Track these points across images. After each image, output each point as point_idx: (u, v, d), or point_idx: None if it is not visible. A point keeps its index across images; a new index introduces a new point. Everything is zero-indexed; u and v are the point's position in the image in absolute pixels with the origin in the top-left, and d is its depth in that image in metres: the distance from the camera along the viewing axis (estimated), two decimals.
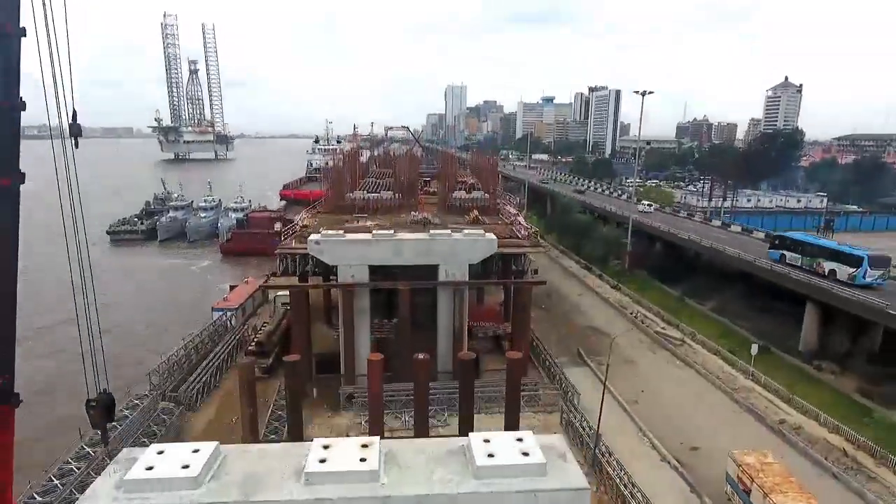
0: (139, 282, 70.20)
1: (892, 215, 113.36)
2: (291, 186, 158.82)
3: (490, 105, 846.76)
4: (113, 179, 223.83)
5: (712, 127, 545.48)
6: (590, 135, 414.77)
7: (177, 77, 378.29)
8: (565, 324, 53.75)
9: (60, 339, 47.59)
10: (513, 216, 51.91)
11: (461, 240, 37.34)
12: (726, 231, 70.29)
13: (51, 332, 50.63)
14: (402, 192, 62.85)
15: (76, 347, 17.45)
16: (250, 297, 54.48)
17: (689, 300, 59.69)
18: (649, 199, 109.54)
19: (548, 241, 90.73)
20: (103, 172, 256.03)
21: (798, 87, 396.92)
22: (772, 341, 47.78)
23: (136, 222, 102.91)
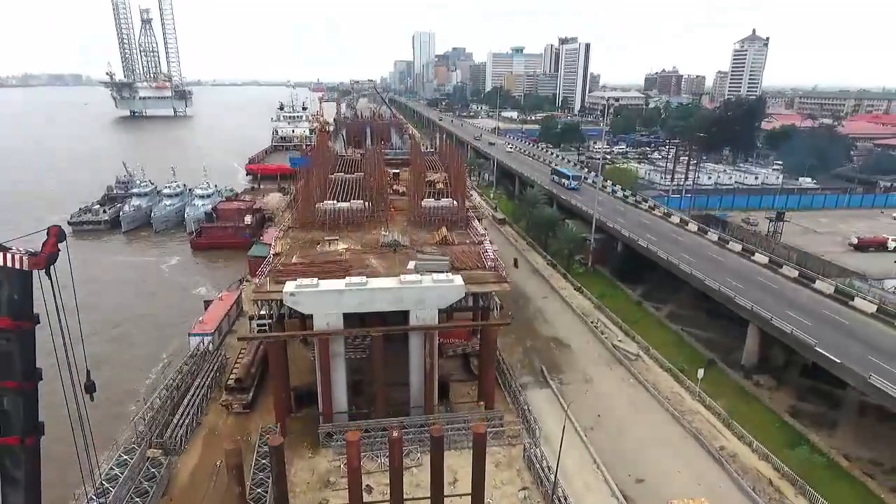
0: (107, 290, 69.70)
1: (843, 193, 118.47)
2: (257, 160, 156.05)
3: (459, 52, 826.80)
4: (68, 144, 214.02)
5: (681, 79, 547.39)
6: (559, 90, 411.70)
7: (127, 28, 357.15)
8: (529, 334, 56.69)
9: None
10: (481, 236, 53.54)
11: (431, 287, 39.17)
12: (684, 229, 73.51)
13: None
14: (371, 199, 63.76)
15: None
16: (226, 316, 55.57)
17: (647, 303, 63.36)
18: (614, 180, 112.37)
19: (515, 230, 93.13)
20: (57, 134, 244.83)
21: (765, 40, 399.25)
22: (719, 352, 51.91)
23: (98, 210, 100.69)
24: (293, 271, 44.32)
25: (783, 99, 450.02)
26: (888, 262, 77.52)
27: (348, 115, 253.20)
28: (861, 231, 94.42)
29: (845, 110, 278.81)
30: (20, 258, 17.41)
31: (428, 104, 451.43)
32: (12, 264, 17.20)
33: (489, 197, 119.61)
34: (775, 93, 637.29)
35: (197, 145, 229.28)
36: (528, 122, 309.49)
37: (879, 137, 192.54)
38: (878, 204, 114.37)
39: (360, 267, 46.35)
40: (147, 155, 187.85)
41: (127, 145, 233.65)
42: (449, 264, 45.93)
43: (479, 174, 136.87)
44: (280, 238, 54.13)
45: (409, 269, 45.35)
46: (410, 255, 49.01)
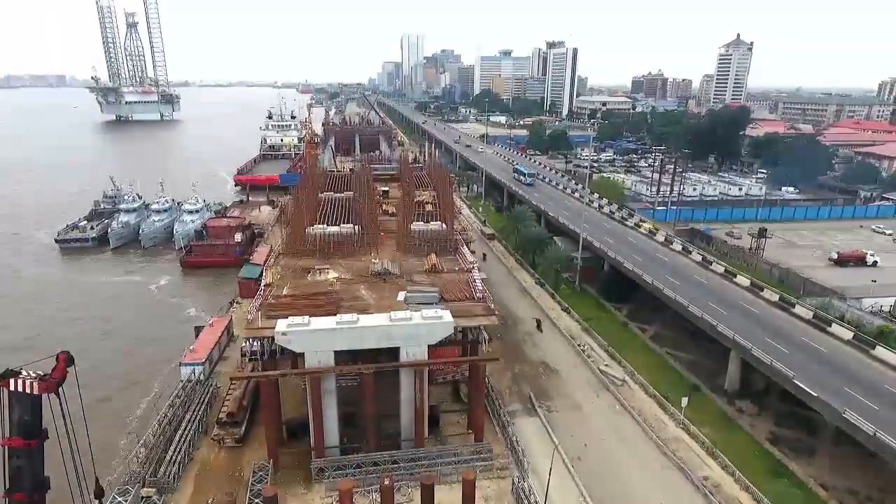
0: (96, 315, 69.71)
1: (824, 205, 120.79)
2: (245, 170, 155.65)
3: (448, 54, 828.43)
4: (53, 152, 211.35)
5: (667, 82, 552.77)
6: (548, 93, 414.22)
7: (112, 32, 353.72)
8: (518, 358, 57.63)
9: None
10: (469, 264, 54.33)
11: (420, 324, 39.86)
12: (668, 248, 74.85)
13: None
14: (361, 223, 64.43)
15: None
16: (217, 345, 55.90)
17: (633, 324, 64.60)
18: (601, 192, 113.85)
19: (504, 246, 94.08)
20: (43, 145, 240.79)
21: (749, 44, 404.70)
22: (703, 377, 53.18)
23: (85, 227, 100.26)
24: (284, 304, 44.96)
25: (767, 102, 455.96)
26: (867, 278, 79.42)
27: (336, 121, 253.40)
28: (842, 244, 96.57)
29: (828, 116, 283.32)
30: (30, 383, 18.39)
31: (416, 107, 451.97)
32: (23, 389, 18.23)
33: (478, 210, 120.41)
34: (760, 95, 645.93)
35: (184, 153, 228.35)
36: (517, 126, 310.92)
37: (860, 144, 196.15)
38: (859, 215, 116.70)
39: (350, 298, 47.08)
40: (134, 164, 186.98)
41: (113, 153, 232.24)
42: (438, 295, 46.82)
43: (469, 186, 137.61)
44: (271, 266, 54.50)
45: (399, 300, 46.32)
46: (400, 285, 49.83)
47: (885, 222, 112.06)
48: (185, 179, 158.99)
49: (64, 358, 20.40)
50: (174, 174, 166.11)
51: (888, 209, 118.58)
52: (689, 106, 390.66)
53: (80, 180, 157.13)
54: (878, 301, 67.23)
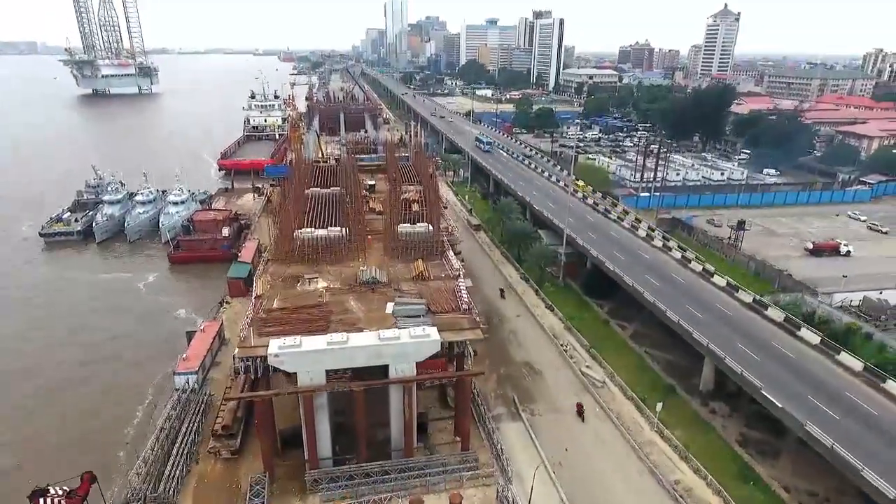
0: (86, 317, 70.06)
1: (803, 189, 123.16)
2: (229, 153, 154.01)
3: (433, 21, 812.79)
4: (31, 133, 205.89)
5: (654, 52, 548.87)
6: (534, 65, 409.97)
7: (85, 2, 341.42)
8: (503, 360, 59.66)
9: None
10: (456, 271, 55.61)
11: (408, 342, 41.34)
12: (650, 244, 76.70)
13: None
14: (348, 224, 65.29)
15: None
16: (209, 351, 57.07)
17: (613, 322, 66.83)
18: (585, 179, 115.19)
19: (490, 237, 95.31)
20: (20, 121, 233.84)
21: (736, 15, 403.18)
22: (679, 377, 55.69)
23: (69, 220, 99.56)
24: (276, 319, 46.19)
25: (753, 74, 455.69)
26: (840, 269, 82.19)
27: (320, 97, 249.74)
28: (818, 232, 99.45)
29: (812, 90, 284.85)
30: (58, 501, 19.78)
31: (402, 78, 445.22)
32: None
33: (464, 197, 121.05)
34: (746, 65, 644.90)
35: (165, 131, 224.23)
36: (503, 101, 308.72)
37: (841, 122, 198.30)
38: (836, 200, 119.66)
39: (340, 311, 48.42)
40: (115, 146, 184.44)
41: (93, 133, 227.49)
42: (425, 307, 48.31)
43: (455, 171, 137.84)
44: (261, 275, 55.42)
45: (388, 312, 47.76)
46: (388, 295, 51.17)
47: (861, 207, 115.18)
48: (168, 164, 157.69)
49: (88, 477, 22.43)
50: (156, 158, 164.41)
51: (864, 194, 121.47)
52: (675, 78, 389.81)
53: (61, 164, 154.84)
54: (848, 296, 69.96)
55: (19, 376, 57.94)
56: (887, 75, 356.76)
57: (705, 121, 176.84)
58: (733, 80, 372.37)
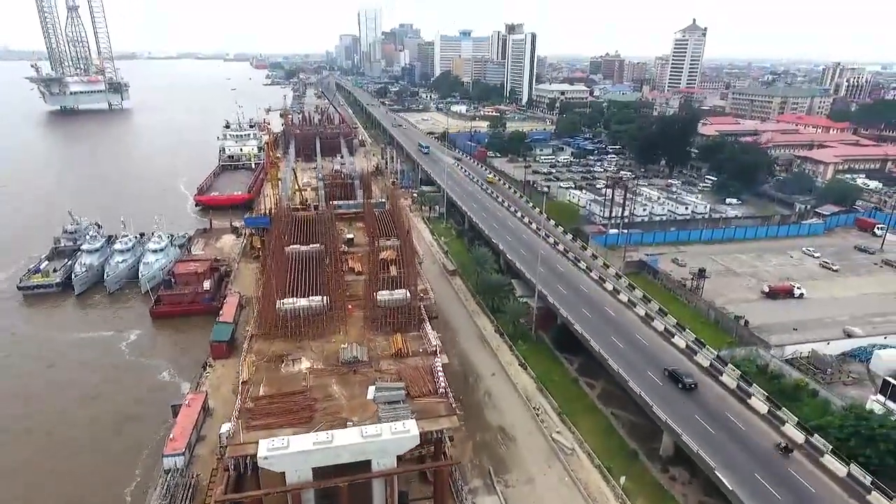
0: (70, 386, 70.63)
1: (762, 224, 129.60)
2: (205, 188, 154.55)
3: (407, 29, 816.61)
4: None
5: (624, 63, 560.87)
6: (507, 79, 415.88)
7: (52, 17, 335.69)
8: (479, 425, 63.04)
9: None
10: (433, 346, 58.83)
11: (390, 439, 44.35)
12: (615, 298, 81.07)
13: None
14: (328, 292, 67.98)
15: None
16: (194, 428, 59.10)
17: (582, 380, 70.85)
18: (555, 218, 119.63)
19: (466, 285, 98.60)
20: None
21: (703, 29, 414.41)
22: (642, 440, 59.78)
23: (48, 270, 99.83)
24: (263, 412, 48.82)
25: (719, 87, 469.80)
26: (794, 311, 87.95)
27: (296, 120, 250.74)
28: (774, 270, 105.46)
29: (773, 107, 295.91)
30: None
31: (377, 91, 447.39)
32: None
33: (439, 236, 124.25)
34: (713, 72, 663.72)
35: (139, 156, 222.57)
36: (477, 118, 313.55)
37: (800, 146, 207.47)
38: (792, 234, 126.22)
39: (323, 397, 51.29)
40: (88, 178, 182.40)
41: (64, 160, 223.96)
42: (404, 392, 51.48)
43: (430, 207, 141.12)
44: (246, 355, 57.87)
45: (369, 398, 50.80)
46: (370, 377, 54.20)
47: (816, 241, 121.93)
48: (144, 200, 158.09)
49: None
50: (132, 191, 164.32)
51: (818, 227, 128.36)
52: (644, 92, 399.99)
53: (34, 201, 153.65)
54: (798, 348, 75.15)
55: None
56: (844, 90, 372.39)
57: (671, 148, 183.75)
58: (700, 94, 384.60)
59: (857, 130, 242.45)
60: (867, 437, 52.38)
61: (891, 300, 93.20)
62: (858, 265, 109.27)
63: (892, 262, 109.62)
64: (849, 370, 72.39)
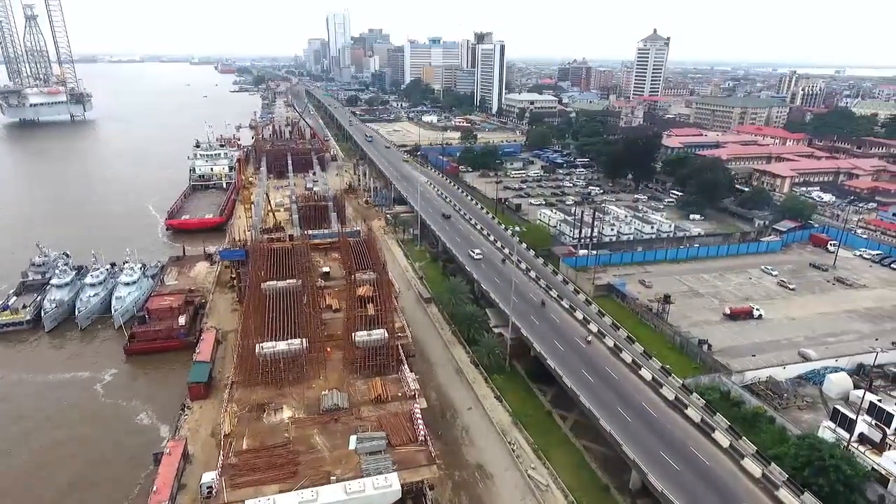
0: (43, 434, 69.45)
1: (723, 242, 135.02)
2: (176, 211, 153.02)
3: (376, 34, 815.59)
4: None
5: (591, 71, 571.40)
6: (477, 88, 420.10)
7: (8, 27, 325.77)
8: (456, 462, 65.09)
9: None
10: (412, 390, 60.76)
11: (373, 494, 46.23)
12: (586, 330, 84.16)
13: None
14: (307, 334, 69.21)
15: None
16: (176, 477, 59.61)
17: (556, 412, 73.61)
18: (527, 241, 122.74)
19: (441, 312, 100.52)
20: None
21: (665, 39, 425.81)
22: (613, 473, 62.69)
23: (17, 307, 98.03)
24: (246, 467, 50.05)
25: (683, 92, 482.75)
26: (753, 333, 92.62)
27: (266, 135, 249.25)
28: (734, 290, 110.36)
29: (734, 117, 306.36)
30: None
31: (347, 101, 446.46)
32: None
33: (415, 261, 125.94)
34: (678, 76, 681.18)
35: (106, 173, 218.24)
36: (449, 129, 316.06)
37: (758, 158, 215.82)
38: (752, 251, 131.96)
39: (306, 449, 52.78)
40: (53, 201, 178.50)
41: (26, 179, 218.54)
42: (385, 441, 53.39)
43: (405, 230, 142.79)
44: (227, 405, 58.84)
45: (351, 448, 52.54)
46: (351, 426, 55.88)
47: (774, 258, 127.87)
48: (112, 219, 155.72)
49: None
50: (100, 215, 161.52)
51: (776, 244, 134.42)
52: (610, 101, 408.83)
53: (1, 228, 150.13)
54: (757, 374, 79.41)
55: None
56: (800, 98, 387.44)
57: (637, 164, 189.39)
58: (664, 103, 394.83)
59: (811, 142, 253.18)
60: (819, 468, 56.22)
61: (843, 319, 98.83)
62: (813, 283, 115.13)
63: (843, 279, 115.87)
64: (803, 394, 76.85)
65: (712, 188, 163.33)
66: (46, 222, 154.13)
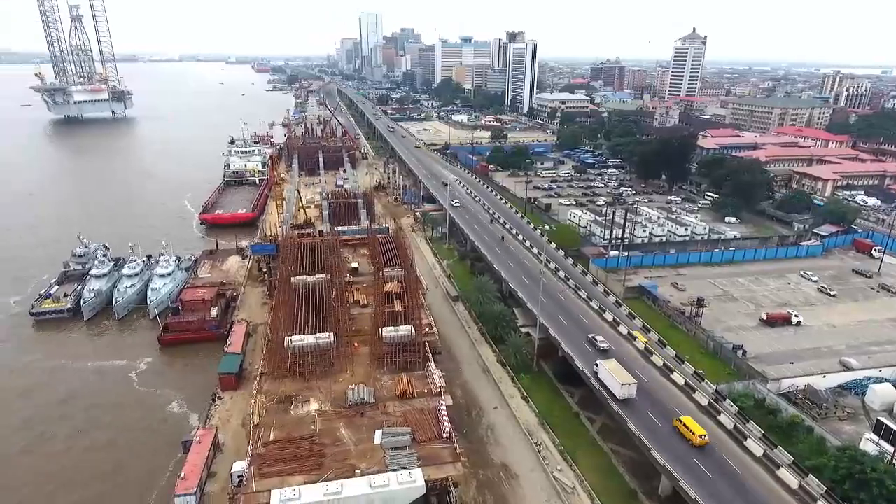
0: (80, 418, 72.07)
1: (760, 246, 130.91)
2: (210, 206, 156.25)
3: (408, 33, 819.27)
4: (5, 175, 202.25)
5: (624, 71, 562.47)
6: (508, 87, 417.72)
7: (56, 27, 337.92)
8: (482, 461, 64.52)
9: None
10: (438, 387, 60.52)
11: (397, 489, 46.06)
12: (615, 332, 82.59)
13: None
14: (335, 329, 69.64)
15: None
16: (205, 466, 60.59)
17: (583, 414, 72.38)
18: (557, 241, 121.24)
19: (469, 311, 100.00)
20: None
21: (703, 38, 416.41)
22: (642, 478, 61.26)
23: (59, 295, 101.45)
24: (273, 458, 50.52)
25: (719, 93, 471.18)
26: (791, 340, 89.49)
27: (299, 132, 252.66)
28: (771, 295, 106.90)
29: (773, 119, 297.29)
30: None
31: (379, 99, 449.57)
32: None
33: (442, 258, 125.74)
34: (714, 76, 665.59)
35: (145, 169, 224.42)
36: (480, 128, 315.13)
37: (798, 160, 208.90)
38: (791, 255, 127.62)
39: (332, 442, 53.01)
40: (93, 194, 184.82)
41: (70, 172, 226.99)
42: (410, 437, 53.26)
43: (434, 228, 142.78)
44: (256, 397, 59.57)
45: (377, 443, 52.59)
46: (377, 420, 55.93)
47: (814, 263, 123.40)
48: (150, 213, 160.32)
49: None
50: (138, 208, 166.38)
51: (816, 249, 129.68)
52: (644, 100, 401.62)
53: (46, 219, 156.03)
54: (795, 382, 76.61)
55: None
56: (844, 99, 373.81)
57: (671, 164, 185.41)
58: (700, 103, 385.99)
59: (856, 144, 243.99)
60: (861, 481, 53.89)
61: (887, 328, 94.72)
62: (856, 290, 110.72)
63: (889, 286, 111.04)
64: (844, 405, 73.82)
65: (749, 190, 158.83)
66: (87, 215, 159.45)
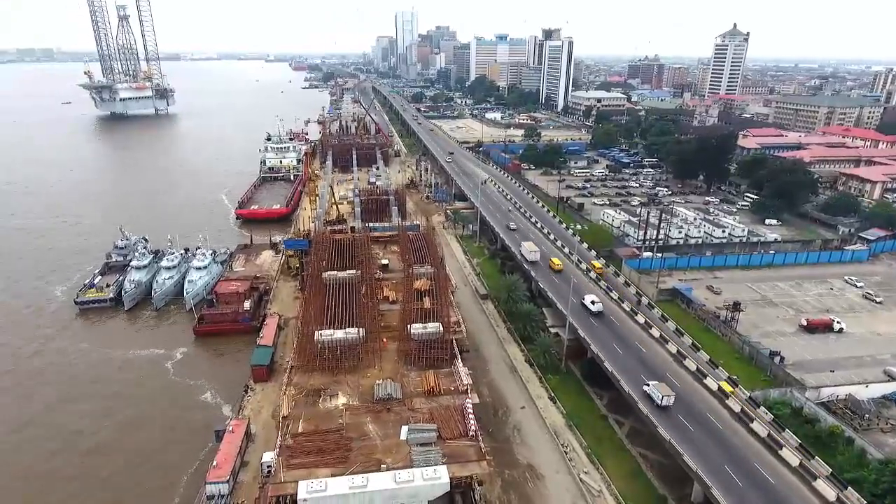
0: (119, 403, 75.13)
1: (801, 250, 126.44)
2: (246, 201, 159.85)
3: (443, 31, 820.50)
4: (55, 171, 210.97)
5: (663, 68, 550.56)
6: (543, 85, 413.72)
7: (104, 27, 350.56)
8: (507, 461, 64.28)
9: None
10: (464, 385, 60.56)
11: (422, 485, 46.29)
12: (647, 334, 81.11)
13: None
14: (364, 324, 70.36)
15: None
16: (239, 454, 62.08)
17: (612, 417, 71.38)
18: (588, 242, 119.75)
19: (497, 309, 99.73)
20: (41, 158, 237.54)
21: (745, 35, 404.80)
22: (672, 484, 60.07)
23: (102, 286, 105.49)
24: (301, 450, 51.40)
25: (762, 91, 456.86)
26: (833, 348, 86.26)
27: (333, 130, 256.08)
28: (813, 300, 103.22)
29: (819, 118, 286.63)
30: None
31: (412, 97, 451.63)
32: None
33: (472, 257, 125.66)
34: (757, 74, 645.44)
35: (185, 163, 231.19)
36: (513, 126, 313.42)
37: (845, 161, 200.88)
38: (834, 260, 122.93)
39: (359, 436, 53.59)
40: (136, 186, 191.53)
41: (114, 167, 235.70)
42: (436, 433, 53.43)
43: (464, 226, 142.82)
44: (286, 389, 60.71)
45: (402, 438, 52.96)
46: (403, 416, 56.28)
47: (859, 268, 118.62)
48: (189, 207, 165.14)
49: None
50: (178, 202, 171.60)
51: (862, 254, 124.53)
52: (684, 99, 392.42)
53: (91, 211, 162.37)
54: (835, 391, 73.83)
55: (43, 470, 63.18)
56: None
57: (709, 164, 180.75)
58: (742, 102, 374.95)
59: None
60: None
61: None
62: None
63: None
64: (888, 416, 70.82)
65: (792, 191, 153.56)
66: (129, 208, 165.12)
